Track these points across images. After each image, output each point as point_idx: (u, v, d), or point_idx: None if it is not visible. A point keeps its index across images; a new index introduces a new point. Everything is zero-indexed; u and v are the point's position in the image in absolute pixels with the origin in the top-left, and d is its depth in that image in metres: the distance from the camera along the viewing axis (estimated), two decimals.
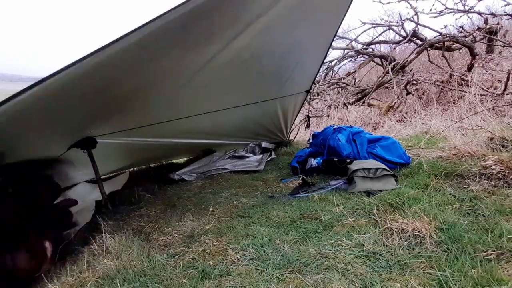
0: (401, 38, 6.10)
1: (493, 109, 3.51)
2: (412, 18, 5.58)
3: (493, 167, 1.93)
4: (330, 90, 6.58)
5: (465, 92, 4.25)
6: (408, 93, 5.07)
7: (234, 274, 1.34)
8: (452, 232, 1.41)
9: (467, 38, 4.98)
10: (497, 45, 5.05)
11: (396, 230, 1.49)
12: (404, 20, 5.79)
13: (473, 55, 4.85)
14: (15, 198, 1.72)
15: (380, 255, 1.36)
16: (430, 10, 5.29)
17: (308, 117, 4.42)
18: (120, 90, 1.92)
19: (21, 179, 1.85)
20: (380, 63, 6.64)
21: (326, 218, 1.76)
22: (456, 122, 3.26)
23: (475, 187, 1.85)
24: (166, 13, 1.34)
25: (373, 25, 6.45)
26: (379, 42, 6.72)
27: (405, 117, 4.62)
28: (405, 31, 5.90)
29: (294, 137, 4.51)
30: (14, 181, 1.81)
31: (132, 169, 3.84)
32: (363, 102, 5.79)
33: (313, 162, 2.78)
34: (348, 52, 6.56)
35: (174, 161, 4.14)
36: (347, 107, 5.62)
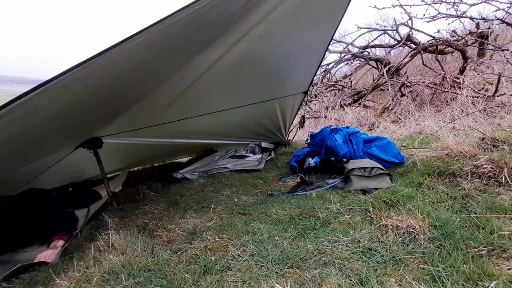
0: (395, 42, 6.19)
1: (484, 111, 3.59)
2: (406, 23, 5.67)
3: (484, 166, 1.97)
4: (327, 92, 6.66)
5: (457, 94, 4.34)
6: (402, 95, 5.15)
7: (235, 269, 1.36)
8: (444, 229, 1.43)
9: (459, 42, 5.08)
10: (488, 49, 5.15)
11: (391, 227, 1.51)
12: (398, 24, 5.90)
13: (465, 58, 4.95)
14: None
15: (375, 251, 1.38)
16: (424, 15, 5.39)
17: (303, 117, 4.48)
18: (126, 91, 1.95)
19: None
20: (376, 66, 6.74)
21: (323, 215, 1.79)
22: (449, 123, 3.31)
23: (467, 186, 1.88)
24: (172, 14, 1.36)
25: (369, 30, 6.54)
26: (375, 46, 6.80)
27: (399, 118, 4.69)
28: (399, 35, 6.00)
29: (293, 137, 4.55)
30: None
31: (136, 168, 3.87)
32: (359, 104, 5.87)
33: (311, 161, 2.82)
34: (344, 56, 6.64)
35: (177, 160, 4.17)
36: (344, 108, 5.69)
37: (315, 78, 4.70)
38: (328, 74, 6.96)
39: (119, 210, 2.38)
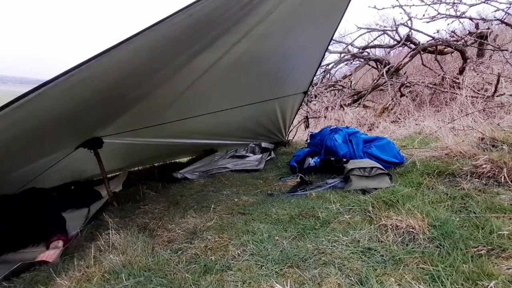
0: (395, 42, 6.21)
1: (483, 111, 3.60)
2: (406, 23, 5.69)
3: (484, 166, 1.98)
4: (327, 92, 6.68)
5: (456, 94, 4.35)
6: (402, 95, 5.17)
7: (235, 269, 1.36)
8: (444, 229, 1.43)
9: (458, 42, 5.10)
10: (488, 49, 5.16)
11: (390, 226, 1.51)
12: (398, 25, 5.92)
13: (464, 58, 4.96)
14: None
15: (375, 250, 1.38)
16: (423, 15, 5.40)
17: (307, 117, 4.49)
18: (127, 91, 1.96)
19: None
20: (375, 66, 6.76)
21: (323, 215, 1.79)
22: (448, 123, 3.33)
23: (467, 186, 1.89)
24: (172, 15, 1.36)
25: (369, 30, 6.56)
26: (374, 46, 6.82)
27: (399, 118, 4.70)
28: (399, 36, 6.01)
29: (293, 137, 4.57)
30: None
31: (136, 168, 3.88)
32: (359, 104, 5.88)
33: (311, 161, 2.82)
34: (344, 56, 6.65)
35: (177, 160, 4.18)
36: (344, 108, 5.70)
37: (315, 78, 4.71)
38: (328, 74, 6.97)
39: (119, 210, 2.38)
